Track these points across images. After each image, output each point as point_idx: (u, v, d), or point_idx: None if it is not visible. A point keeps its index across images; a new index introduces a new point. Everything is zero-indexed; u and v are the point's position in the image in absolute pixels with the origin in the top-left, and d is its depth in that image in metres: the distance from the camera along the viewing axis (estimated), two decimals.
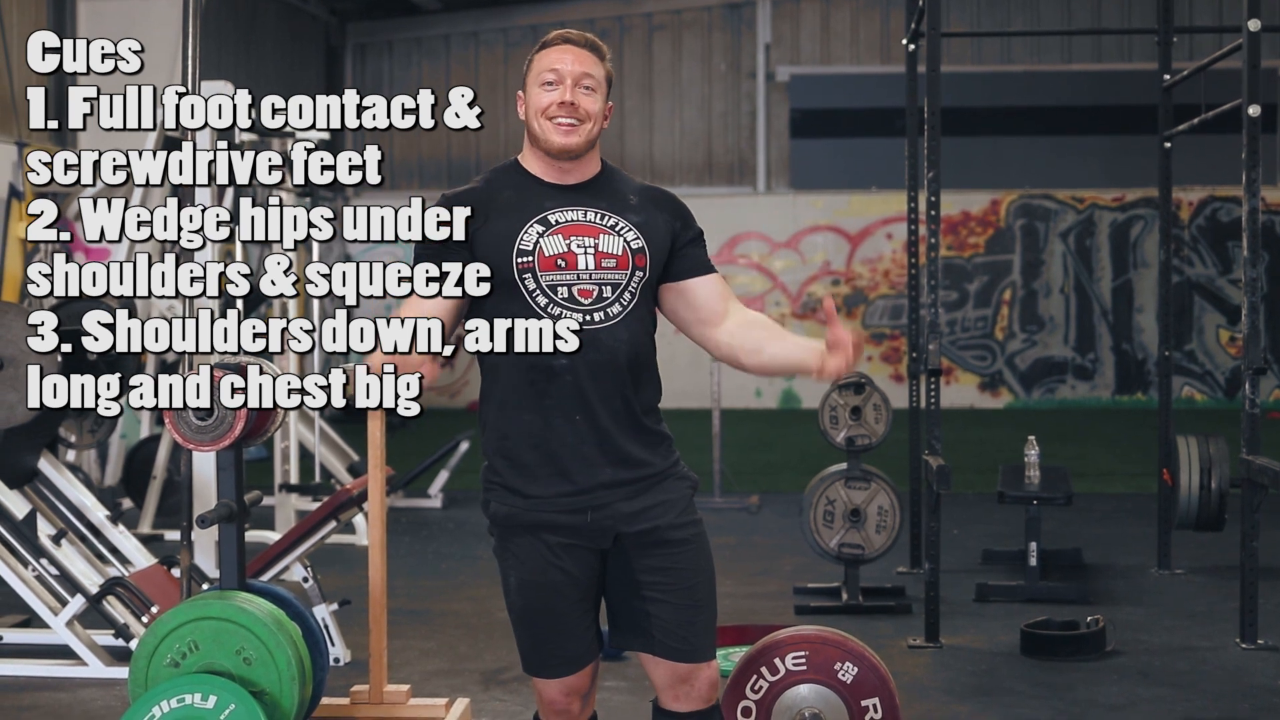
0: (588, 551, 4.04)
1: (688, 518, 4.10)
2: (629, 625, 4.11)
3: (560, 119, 4.00)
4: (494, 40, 22.38)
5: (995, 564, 9.59)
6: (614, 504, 4.01)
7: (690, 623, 4.08)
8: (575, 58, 4.04)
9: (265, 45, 20.15)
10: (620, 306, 4.00)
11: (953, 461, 7.69)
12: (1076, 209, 21.41)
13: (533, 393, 3.98)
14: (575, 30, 4.12)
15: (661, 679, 4.14)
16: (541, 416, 3.98)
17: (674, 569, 4.06)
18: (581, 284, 3.97)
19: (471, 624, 8.13)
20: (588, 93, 4.03)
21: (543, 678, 4.12)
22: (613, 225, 4.04)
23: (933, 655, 7.44)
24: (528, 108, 4.08)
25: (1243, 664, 7.25)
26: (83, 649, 7.10)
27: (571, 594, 4.03)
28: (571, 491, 3.99)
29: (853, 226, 21.49)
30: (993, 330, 21.53)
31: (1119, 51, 21.28)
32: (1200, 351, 21.30)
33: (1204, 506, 9.01)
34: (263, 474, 11.78)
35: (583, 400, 3.97)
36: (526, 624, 4.09)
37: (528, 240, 3.97)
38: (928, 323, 7.80)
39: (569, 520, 4.00)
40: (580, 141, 4.03)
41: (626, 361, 4.00)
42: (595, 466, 3.99)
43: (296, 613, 5.44)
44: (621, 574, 4.08)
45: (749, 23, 21.93)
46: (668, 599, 4.06)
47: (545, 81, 4.03)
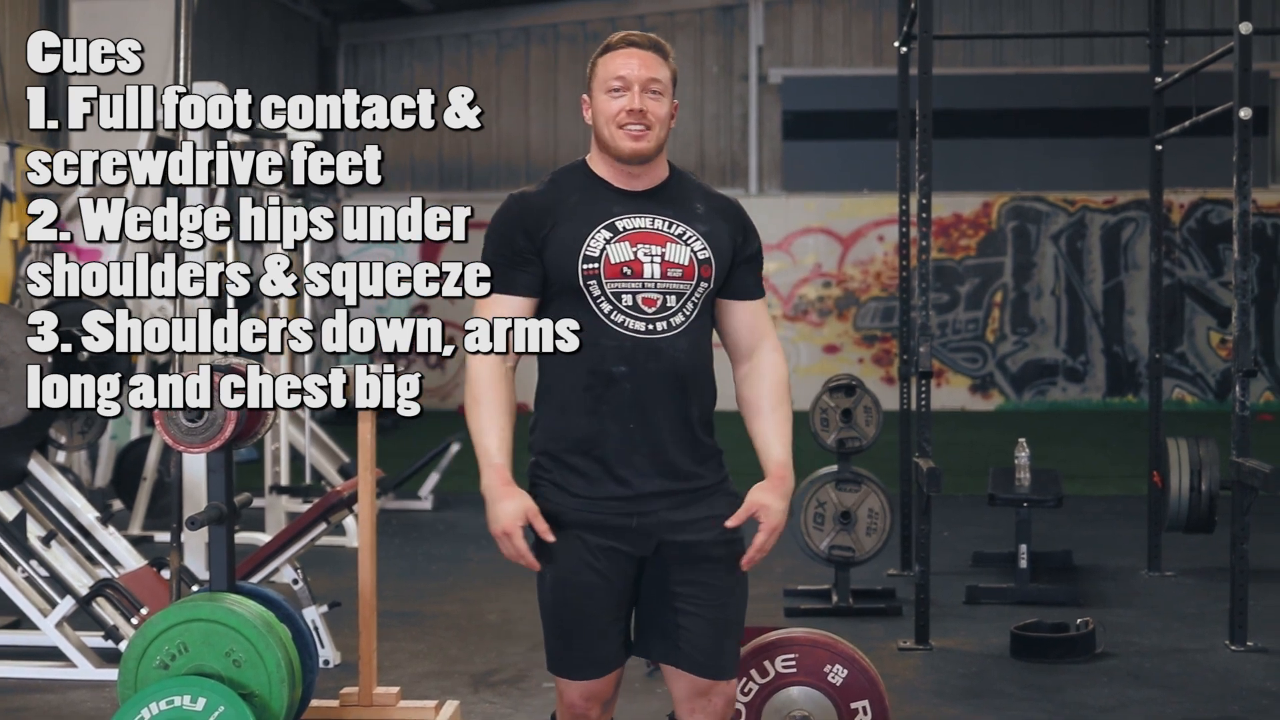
0: (626, 558, 4.02)
1: (730, 535, 4.10)
2: (658, 635, 4.10)
3: (630, 125, 3.97)
4: (487, 41, 22.37)
5: (986, 566, 9.60)
6: (660, 511, 4.00)
7: (719, 640, 4.09)
8: (641, 61, 4.00)
9: (258, 46, 20.13)
10: (683, 317, 4.00)
11: (944, 464, 7.68)
12: (1068, 211, 21.42)
13: (589, 398, 3.97)
14: (638, 32, 4.08)
15: (681, 691, 4.14)
16: (596, 422, 3.98)
17: (711, 585, 4.06)
18: (646, 292, 3.96)
19: (462, 626, 8.13)
20: (655, 97, 4.00)
21: (566, 678, 4.10)
22: (680, 234, 4.02)
23: (923, 657, 7.45)
24: (595, 114, 4.05)
25: (1232, 666, 7.26)
26: (72, 651, 7.10)
27: (604, 598, 4.01)
28: (620, 496, 3.98)
29: (845, 228, 21.49)
30: (984, 332, 21.54)
31: (1111, 54, 21.29)
32: (1191, 354, 21.32)
33: (1194, 508, 9.02)
34: (253, 476, 11.77)
35: (638, 409, 3.97)
36: (556, 622, 4.07)
37: (594, 246, 3.96)
38: (919, 325, 7.81)
39: (615, 522, 3.99)
40: (650, 146, 4.00)
41: (685, 373, 4.00)
42: (645, 475, 3.99)
43: (286, 615, 5.43)
44: (657, 584, 4.07)
45: (741, 25, 21.94)
46: (701, 613, 4.05)
47: (612, 88, 3.99)
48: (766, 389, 4.14)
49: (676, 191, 4.10)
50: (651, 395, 3.96)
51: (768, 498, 4.05)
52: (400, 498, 12.45)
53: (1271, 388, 21.20)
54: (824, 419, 8.39)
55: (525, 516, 3.91)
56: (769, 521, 4.04)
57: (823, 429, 8.39)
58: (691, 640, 4.06)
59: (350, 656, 7.06)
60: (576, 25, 22.18)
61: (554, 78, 22.17)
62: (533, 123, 22.14)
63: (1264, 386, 21.12)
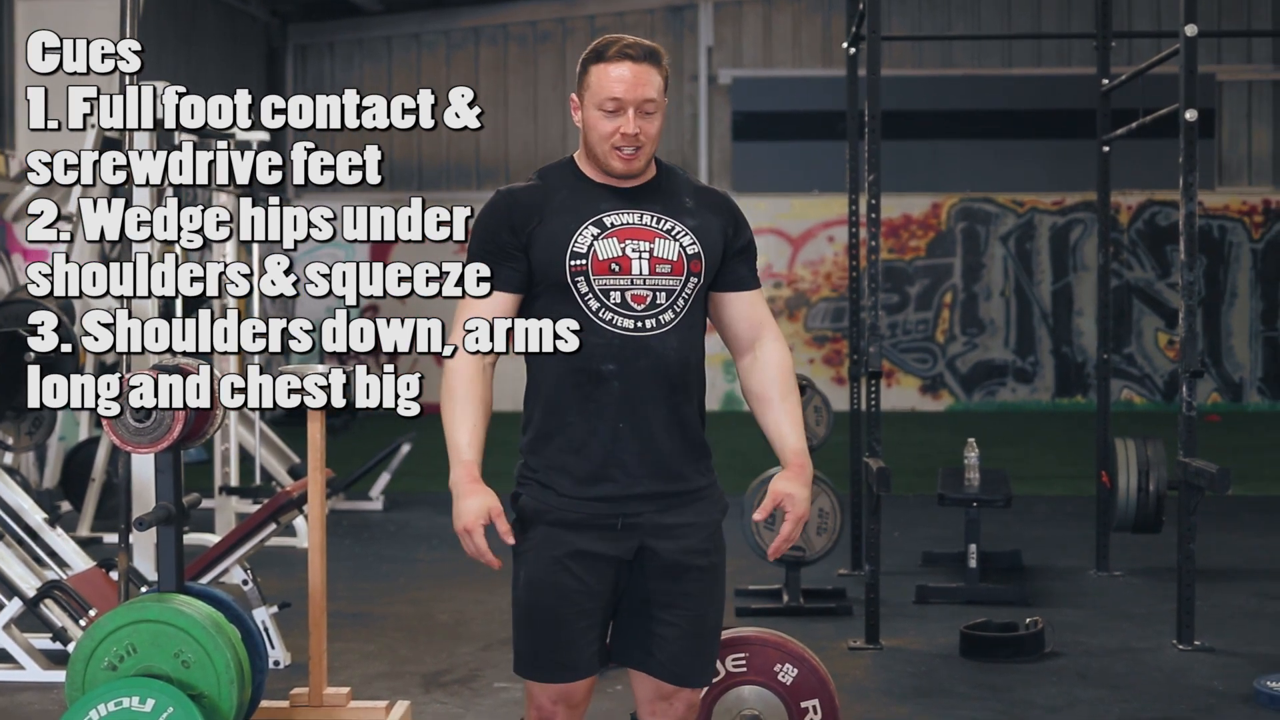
0: (606, 562, 3.98)
1: (712, 544, 4.09)
2: (634, 642, 4.08)
3: (624, 149, 3.94)
4: (436, 42, 22.33)
5: (935, 566, 9.64)
6: (646, 514, 3.98)
7: (695, 651, 4.08)
8: (635, 78, 3.92)
9: (205, 46, 20.04)
10: (673, 313, 3.96)
11: (894, 464, 7.72)
12: (1017, 212, 21.52)
13: (578, 396, 3.94)
14: (630, 39, 3.98)
15: (644, 693, 4.13)
16: (586, 421, 3.95)
17: (690, 595, 4.04)
18: (635, 289, 3.93)
19: (412, 626, 8.12)
20: (648, 117, 3.95)
21: (533, 680, 4.06)
22: (669, 229, 3.99)
23: (873, 657, 7.47)
24: (586, 126, 3.98)
25: (1180, 665, 7.30)
26: (20, 653, 7.06)
27: (581, 601, 3.97)
28: (608, 496, 3.95)
29: (795, 229, 21.54)
30: (934, 333, 21.62)
31: (1059, 56, 21.39)
32: (1139, 355, 21.44)
33: (1142, 509, 9.07)
34: (203, 477, 11.72)
35: (628, 407, 3.94)
36: (528, 624, 4.03)
37: (582, 243, 3.93)
38: (868, 325, 7.83)
39: (600, 522, 3.96)
40: (641, 165, 3.99)
41: (675, 370, 3.97)
42: (634, 476, 3.96)
43: (235, 615, 5.42)
44: (636, 592, 4.04)
45: (691, 25, 21.96)
46: (678, 624, 4.03)
47: (606, 109, 3.93)
48: (773, 378, 4.12)
49: (665, 187, 4.07)
50: (641, 393, 3.94)
51: (791, 487, 4.05)
52: (351, 498, 12.42)
53: (1219, 389, 21.34)
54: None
55: (488, 515, 3.88)
56: (795, 511, 4.04)
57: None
58: (668, 651, 4.05)
59: (301, 657, 7.05)
60: (526, 25, 22.17)
61: (503, 78, 22.15)
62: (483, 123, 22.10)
63: (1211, 388, 21.25)
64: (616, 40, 3.99)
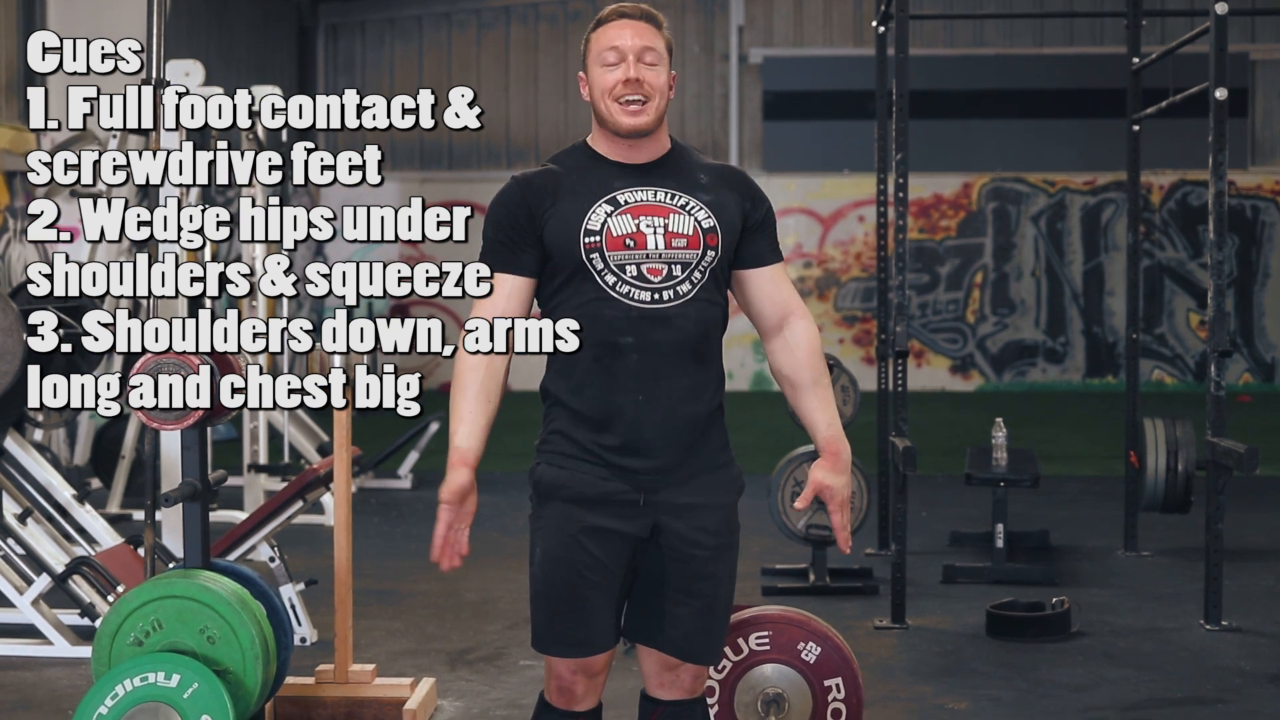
0: (621, 539, 3.98)
1: (726, 525, 4.11)
2: (646, 621, 4.09)
3: (627, 97, 3.93)
4: (467, 21, 22.34)
5: (963, 546, 9.62)
6: (665, 489, 3.99)
7: (707, 630, 4.09)
8: (634, 31, 3.96)
9: (237, 26, 20.08)
10: (690, 285, 3.95)
11: (923, 444, 7.71)
12: (1048, 192, 21.46)
13: (598, 369, 3.94)
14: (630, 3, 4.03)
15: (650, 666, 4.14)
16: (606, 395, 3.94)
17: (703, 577, 4.05)
18: (650, 263, 3.92)
19: (439, 604, 8.13)
20: (650, 67, 3.95)
21: (550, 654, 4.09)
22: (683, 205, 3.98)
23: (899, 636, 7.46)
24: (591, 89, 4.00)
25: (1207, 645, 7.28)
26: (48, 628, 7.09)
27: (596, 577, 3.98)
28: (630, 469, 3.96)
29: (825, 209, 21.51)
30: (964, 313, 21.58)
31: (1091, 35, 21.32)
32: (1170, 335, 21.38)
33: (1170, 489, 9.05)
34: (232, 454, 11.76)
35: (647, 379, 3.93)
36: (545, 598, 4.04)
37: (595, 220, 3.93)
38: (896, 305, 7.81)
39: (621, 498, 3.96)
40: (649, 120, 3.96)
41: (693, 342, 3.96)
42: (654, 450, 3.96)
43: (260, 592, 5.44)
44: (650, 570, 4.05)
45: (722, 5, 21.93)
46: (691, 603, 4.04)
47: (607, 61, 3.95)
48: (803, 361, 4.11)
49: (678, 164, 4.07)
50: (660, 366, 3.94)
51: (829, 476, 4.11)
52: (379, 476, 12.45)
53: (1250, 369, 21.26)
54: None
55: (464, 491, 3.96)
56: (834, 500, 4.11)
57: None
58: (681, 630, 4.06)
59: (327, 634, 7.06)
60: (557, 5, 22.16)
61: (534, 57, 22.15)
62: (513, 103, 22.11)
63: (1243, 368, 21.18)
64: (615, 6, 4.03)
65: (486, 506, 11.83)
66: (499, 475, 12.30)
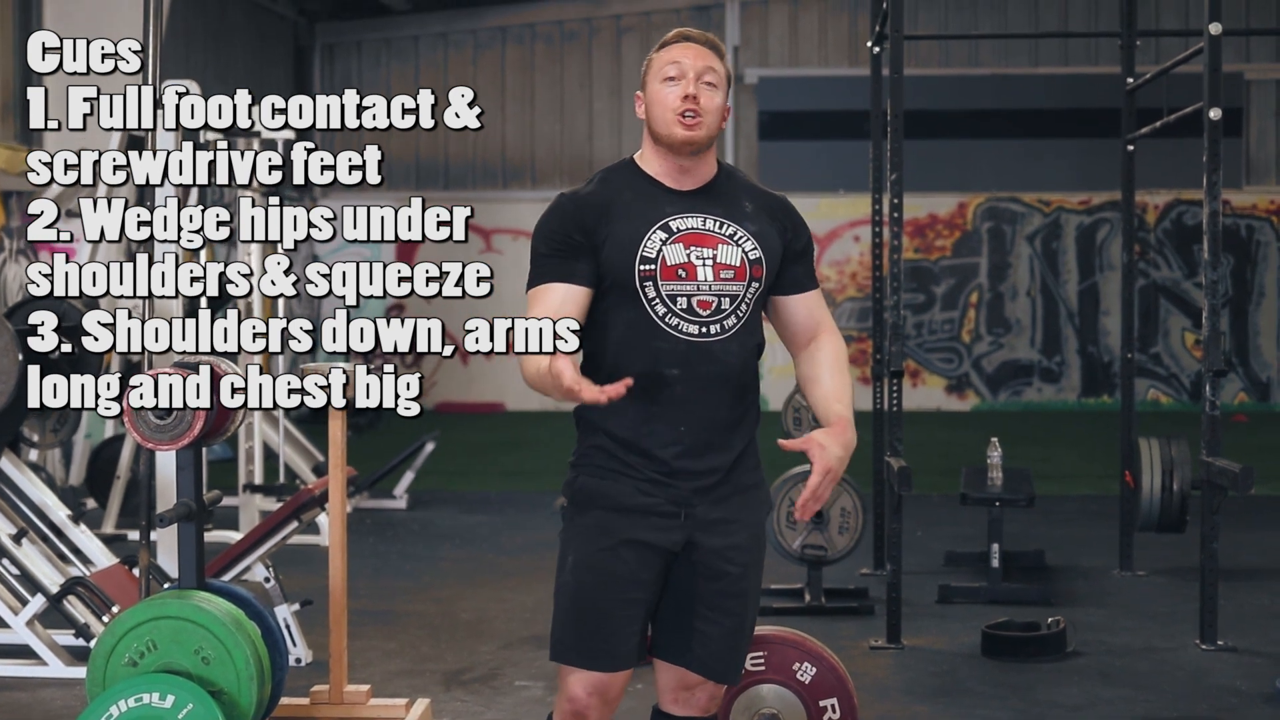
0: (655, 553, 3.99)
1: (755, 543, 4.12)
2: (674, 637, 4.09)
3: (684, 111, 3.95)
4: (463, 41, 22.36)
5: (958, 565, 9.62)
6: (700, 507, 3.99)
7: (734, 648, 4.11)
8: (696, 54, 4.00)
9: (233, 44, 20.10)
10: (736, 319, 3.98)
11: (918, 463, 7.71)
12: (1043, 212, 21.48)
13: (644, 397, 3.93)
14: (695, 29, 4.09)
15: (668, 682, 4.14)
16: (646, 424, 3.96)
17: (732, 594, 4.06)
18: (701, 295, 3.94)
19: (434, 625, 8.13)
20: (709, 88, 3.99)
21: (571, 665, 4.04)
22: (731, 234, 4.00)
23: (894, 656, 7.46)
24: (649, 105, 4.03)
25: (1202, 665, 7.28)
26: (43, 649, 7.08)
27: (629, 590, 3.98)
28: (667, 487, 3.97)
29: (820, 229, 21.52)
30: (959, 332, 21.59)
31: (1086, 55, 21.35)
32: (1165, 354, 21.39)
33: (1165, 508, 9.05)
34: (227, 474, 11.76)
35: (689, 411, 3.95)
36: (573, 606, 4.02)
37: (651, 247, 3.93)
38: (890, 325, 7.82)
39: (663, 509, 3.97)
40: (703, 135, 3.98)
41: (735, 374, 4.00)
42: (693, 474, 3.97)
43: (255, 612, 5.43)
44: (680, 587, 4.05)
45: (717, 25, 21.95)
46: (723, 621, 4.06)
47: (668, 76, 3.99)
48: (826, 361, 4.15)
49: (725, 189, 4.09)
50: (703, 397, 3.96)
51: (826, 440, 4.00)
52: (375, 496, 12.44)
53: (1245, 389, 21.28)
54: (796, 418, 8.42)
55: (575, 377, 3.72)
56: (823, 461, 3.97)
57: (795, 427, 8.41)
58: (708, 647, 4.06)
59: (322, 655, 7.06)
60: (553, 25, 22.18)
61: (530, 77, 22.16)
62: (509, 123, 22.11)
63: (1238, 388, 21.19)
64: (680, 30, 4.09)
65: (482, 526, 11.86)
66: (494, 495, 12.30)
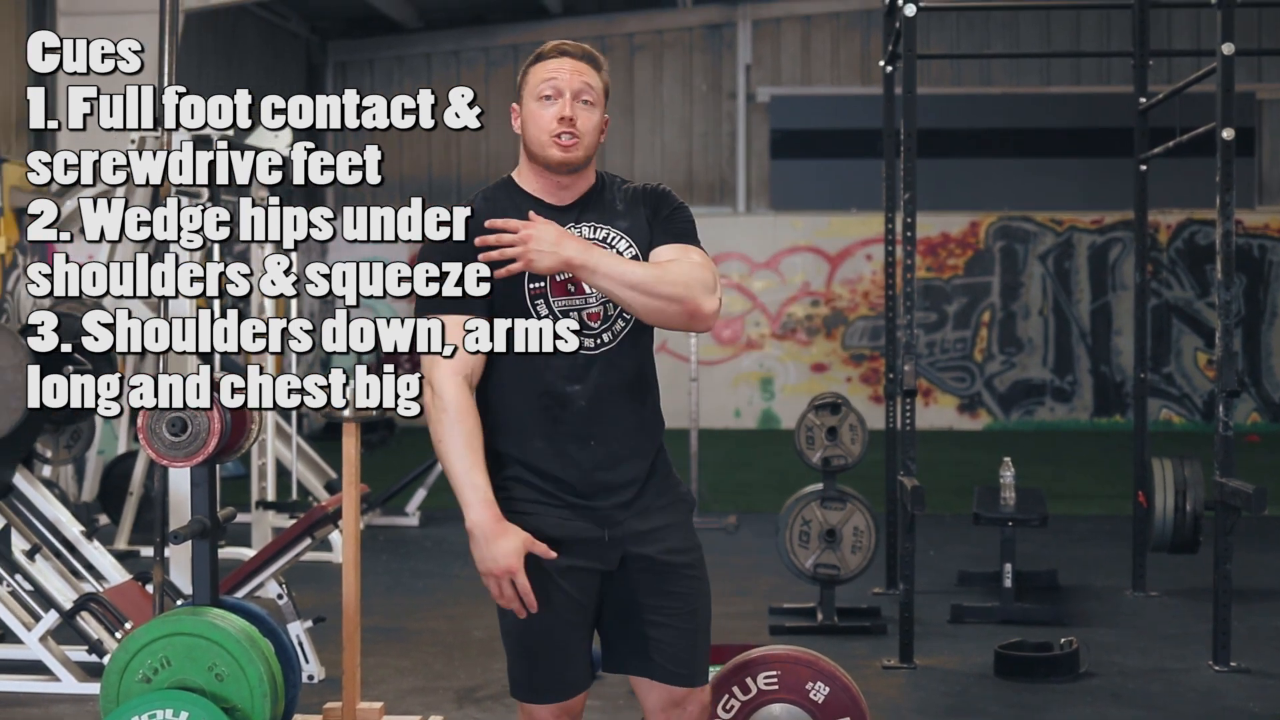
0: (590, 575, 3.97)
1: (690, 542, 4.09)
2: (627, 649, 4.06)
3: (560, 133, 3.89)
4: (475, 59, 22.39)
5: (971, 585, 9.61)
6: (626, 522, 3.97)
7: (692, 647, 4.07)
8: (573, 69, 3.93)
9: (246, 63, 20.13)
10: (624, 322, 3.94)
11: (930, 483, 7.70)
12: (1055, 231, 21.47)
13: (546, 419, 3.91)
14: (571, 41, 4.02)
15: (655, 703, 4.11)
16: (554, 444, 3.92)
17: (679, 593, 4.03)
18: (590, 308, 3.91)
19: (447, 642, 8.13)
20: (586, 106, 3.93)
21: (533, 703, 4.04)
22: (605, 238, 3.95)
23: (907, 676, 7.45)
24: (525, 122, 3.97)
25: (1215, 686, 7.27)
26: (56, 665, 7.09)
27: (572, 617, 3.97)
28: (590, 508, 3.94)
29: (832, 247, 21.52)
30: (972, 352, 21.57)
31: (1098, 75, 21.36)
32: (1178, 374, 21.36)
33: (1178, 529, 9.03)
34: (240, 491, 11.77)
35: (596, 423, 3.92)
36: (523, 646, 4.02)
37: None
38: (904, 344, 7.82)
39: (587, 535, 3.94)
40: (580, 156, 3.93)
41: (633, 379, 3.98)
42: (609, 489, 3.95)
43: (269, 629, 5.44)
44: (623, 598, 4.03)
45: (729, 44, 21.98)
46: (671, 623, 4.03)
47: (543, 95, 3.92)
48: None
49: (600, 197, 4.04)
50: (606, 408, 3.93)
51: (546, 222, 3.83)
52: (387, 514, 12.45)
53: (1258, 409, 21.24)
54: (809, 437, 8.40)
55: (525, 548, 3.81)
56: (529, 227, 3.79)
57: (808, 447, 8.39)
58: (665, 652, 4.03)
59: (335, 672, 7.06)
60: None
61: None
62: None
63: (1251, 408, 21.15)
64: (556, 43, 4.01)
65: None
66: None
